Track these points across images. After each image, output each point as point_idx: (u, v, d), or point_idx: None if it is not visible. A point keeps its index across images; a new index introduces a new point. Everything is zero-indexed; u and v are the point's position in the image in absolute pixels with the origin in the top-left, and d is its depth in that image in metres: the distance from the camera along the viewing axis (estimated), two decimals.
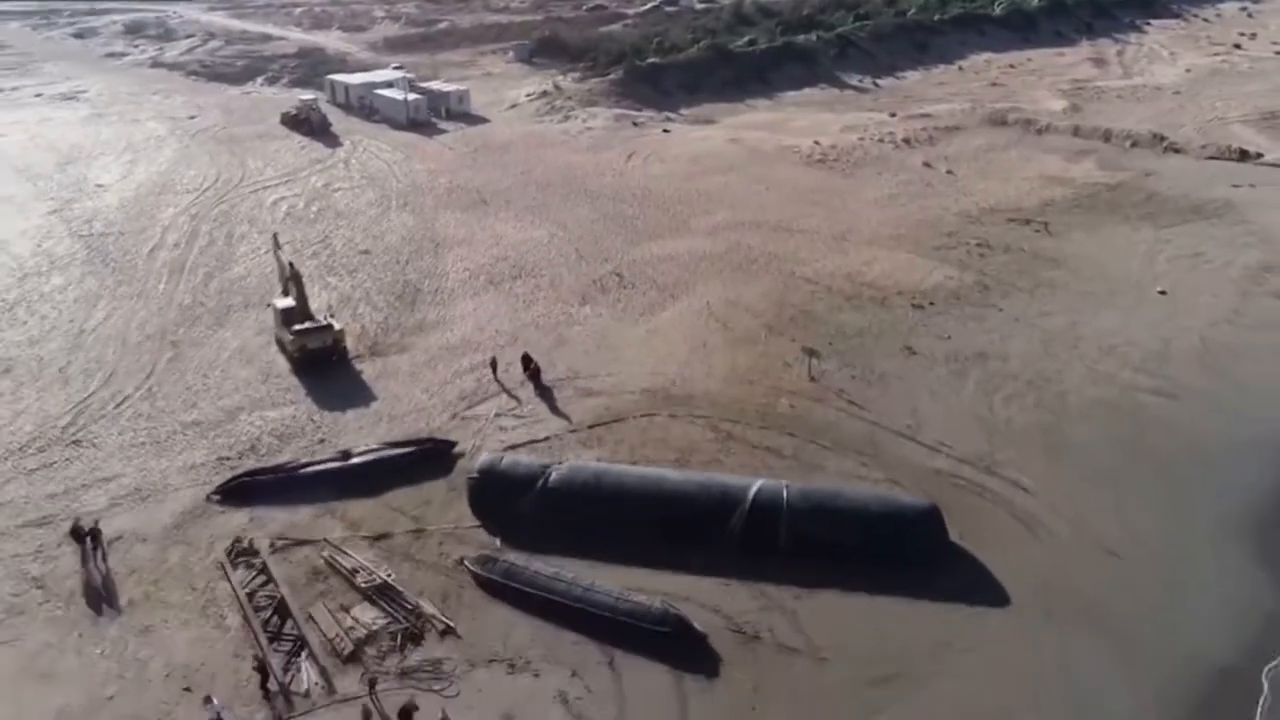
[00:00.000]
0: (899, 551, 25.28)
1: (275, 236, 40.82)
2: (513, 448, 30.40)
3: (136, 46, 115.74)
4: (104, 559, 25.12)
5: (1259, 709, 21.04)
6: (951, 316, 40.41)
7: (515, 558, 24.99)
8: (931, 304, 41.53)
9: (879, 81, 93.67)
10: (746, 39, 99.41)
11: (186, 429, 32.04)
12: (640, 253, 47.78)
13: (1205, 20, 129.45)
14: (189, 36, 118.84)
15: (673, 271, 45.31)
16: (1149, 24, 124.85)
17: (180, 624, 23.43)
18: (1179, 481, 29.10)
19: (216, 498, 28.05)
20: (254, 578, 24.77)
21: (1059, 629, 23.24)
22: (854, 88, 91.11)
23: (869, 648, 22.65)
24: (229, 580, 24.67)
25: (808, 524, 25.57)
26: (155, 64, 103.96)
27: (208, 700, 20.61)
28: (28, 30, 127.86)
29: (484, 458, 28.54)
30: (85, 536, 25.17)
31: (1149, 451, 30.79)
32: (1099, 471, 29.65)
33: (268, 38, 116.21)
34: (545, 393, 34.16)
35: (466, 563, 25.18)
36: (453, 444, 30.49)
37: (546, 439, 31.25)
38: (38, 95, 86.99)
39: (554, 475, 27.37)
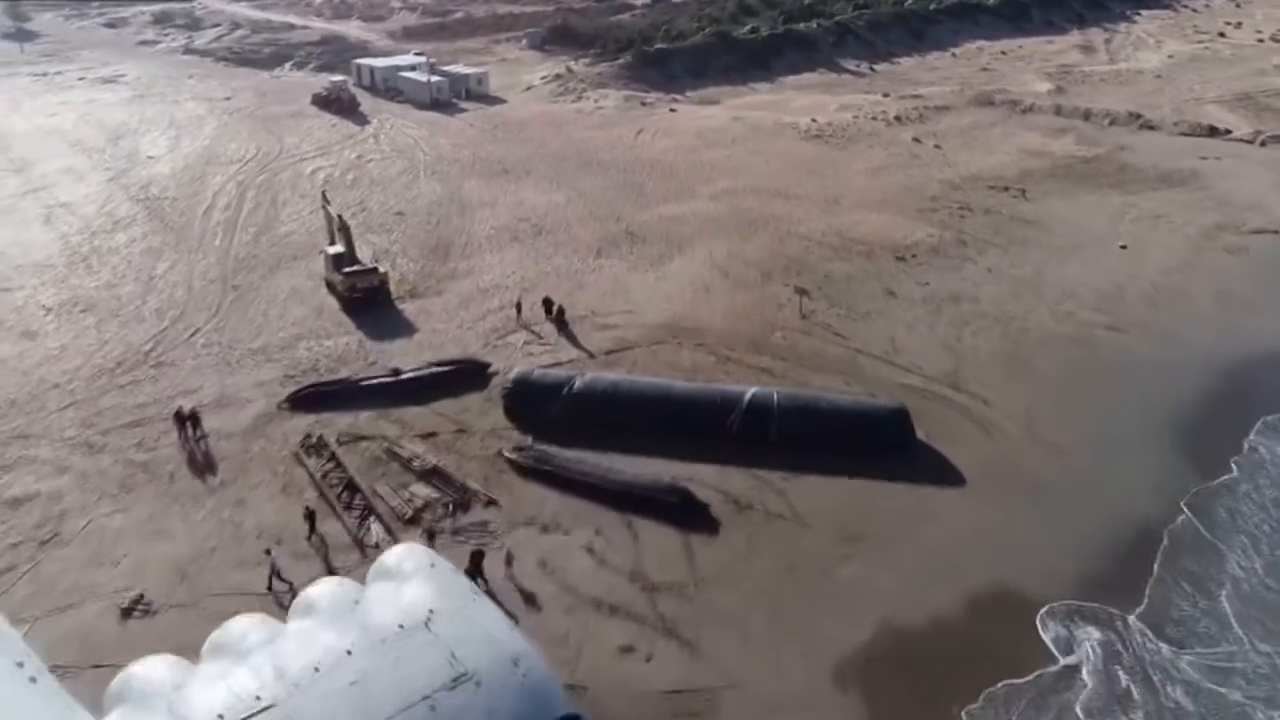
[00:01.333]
0: (872, 444, 29.38)
1: (324, 193, 45.06)
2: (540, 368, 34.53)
3: (166, 35, 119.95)
4: (202, 439, 29.45)
5: (1158, 553, 25.15)
6: (930, 267, 44.39)
7: (546, 448, 29.14)
8: (913, 256, 45.50)
9: (875, 67, 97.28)
10: (749, 27, 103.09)
11: (254, 354, 36.25)
12: (650, 214, 51.82)
13: (1194, 10, 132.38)
14: (215, 25, 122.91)
15: (679, 230, 49.32)
16: (1139, 14, 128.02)
17: (266, 497, 27.65)
18: (1118, 395, 33.12)
19: (286, 405, 32.24)
20: (325, 463, 28.96)
21: (1004, 501, 27.37)
22: (851, 72, 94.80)
23: (843, 516, 26.79)
24: (304, 465, 28.90)
25: (794, 422, 29.67)
26: (187, 51, 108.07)
27: (267, 552, 24.66)
28: (60, 20, 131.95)
29: (517, 370, 32.72)
30: (186, 420, 29.46)
31: (1096, 373, 34.83)
32: (1051, 388, 33.72)
33: (291, 26, 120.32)
34: (566, 327, 38.22)
35: (504, 453, 29.35)
36: (487, 364, 34.62)
37: (569, 362, 35.37)
38: (80, 79, 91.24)
39: (578, 384, 31.51)
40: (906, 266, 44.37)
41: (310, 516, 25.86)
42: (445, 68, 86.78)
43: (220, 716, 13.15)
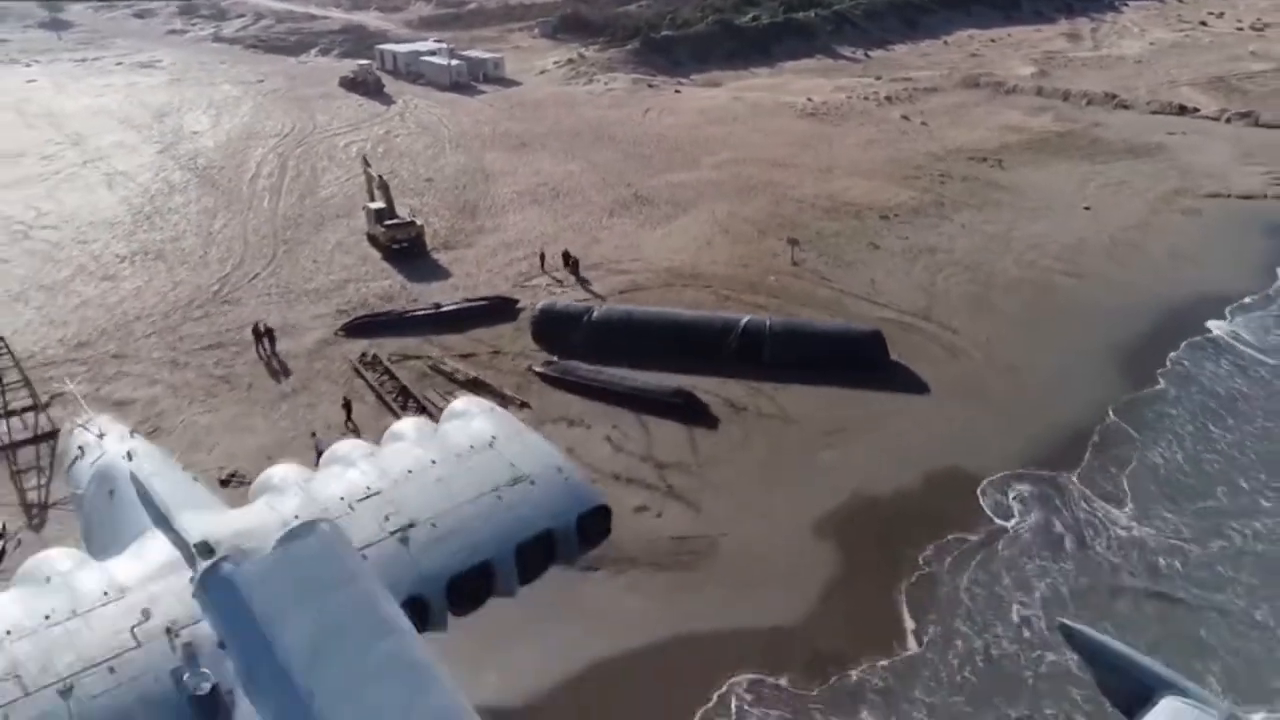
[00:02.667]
0: (851, 362, 33.65)
1: (364, 157, 49.42)
2: None
3: (194, 25, 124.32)
4: (274, 351, 33.93)
5: (1088, 447, 29.44)
6: (911, 225, 48.58)
7: (569, 362, 33.48)
8: (896, 216, 49.70)
9: (870, 53, 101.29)
10: (750, 15, 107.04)
11: (309, 293, 40.63)
12: (657, 181, 56.05)
13: (1180, 1, 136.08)
14: (240, 16, 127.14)
15: (684, 194, 53.55)
16: (1126, 4, 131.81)
17: (330, 401, 31.96)
18: (1068, 328, 37.36)
19: (342, 333, 36.62)
20: (380, 376, 33.34)
21: (962, 406, 31.66)
22: (847, 58, 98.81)
23: (825, 416, 31.10)
24: (363, 376, 33.29)
25: (784, 343, 33.95)
26: (216, 39, 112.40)
27: (313, 434, 28.92)
28: (91, 11, 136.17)
29: (543, 301, 37.07)
30: (262, 335, 33.95)
31: (1051, 311, 39.07)
32: (1010, 321, 37.97)
33: (312, 16, 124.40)
34: (583, 273, 42.48)
35: (534, 368, 33.69)
36: (516, 301, 38.95)
37: (586, 299, 39.66)
38: (118, 64, 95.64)
39: (596, 313, 35.85)
40: (889, 224, 48.56)
41: (347, 406, 30.30)
42: (464, 53, 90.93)
43: (341, 498, 17.47)
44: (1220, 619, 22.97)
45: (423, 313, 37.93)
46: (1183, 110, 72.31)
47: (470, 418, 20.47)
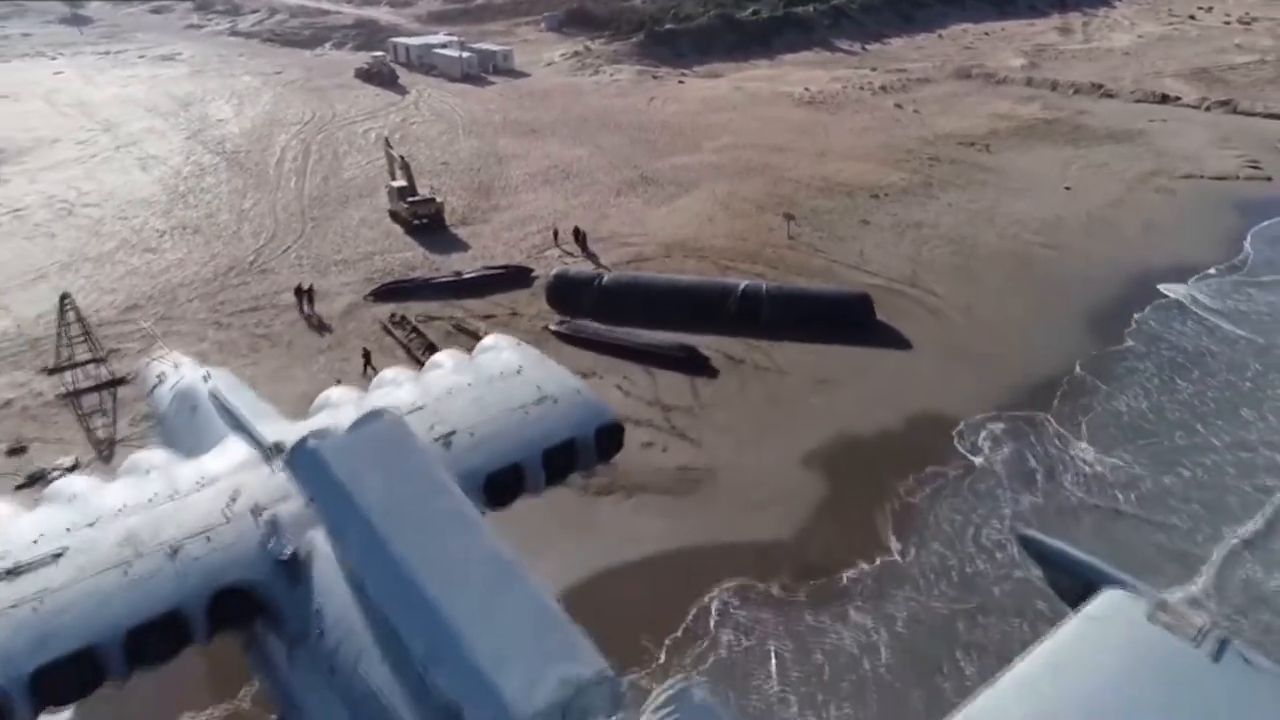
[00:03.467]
0: (840, 322, 36.28)
1: (387, 139, 52.06)
2: None
3: (210, 20, 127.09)
4: (314, 309, 36.66)
5: (1056, 395, 32.05)
6: (900, 203, 51.19)
7: (582, 322, 36.15)
8: (886, 195, 52.30)
9: (867, 46, 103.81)
10: (751, 10, 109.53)
11: (337, 264, 43.32)
12: (661, 164, 58.68)
13: None
14: (254, 11, 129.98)
15: (686, 175, 56.18)
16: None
17: (361, 357, 34.68)
18: (1043, 294, 39.97)
19: (371, 297, 39.33)
20: (408, 334, 36.04)
21: (941, 360, 34.29)
22: (844, 51, 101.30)
23: (815, 368, 33.74)
24: (392, 334, 36.00)
25: (779, 305, 36.61)
26: (232, 33, 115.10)
27: (338, 382, 31.43)
28: (109, 7, 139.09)
29: (556, 268, 39.74)
30: (303, 294, 36.68)
31: (1028, 278, 41.66)
32: (989, 287, 40.58)
33: (324, 11, 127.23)
34: (591, 247, 45.11)
35: (549, 327, 36.38)
36: (531, 270, 41.63)
37: (595, 269, 42.32)
38: (140, 56, 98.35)
39: (606, 278, 38.56)
40: (879, 203, 51.17)
41: (366, 356, 33.05)
42: (474, 45, 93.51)
43: (386, 410, 20.20)
44: (1162, 531, 25.64)
45: (445, 279, 40.63)
46: (1165, 99, 74.78)
47: (500, 350, 23.20)
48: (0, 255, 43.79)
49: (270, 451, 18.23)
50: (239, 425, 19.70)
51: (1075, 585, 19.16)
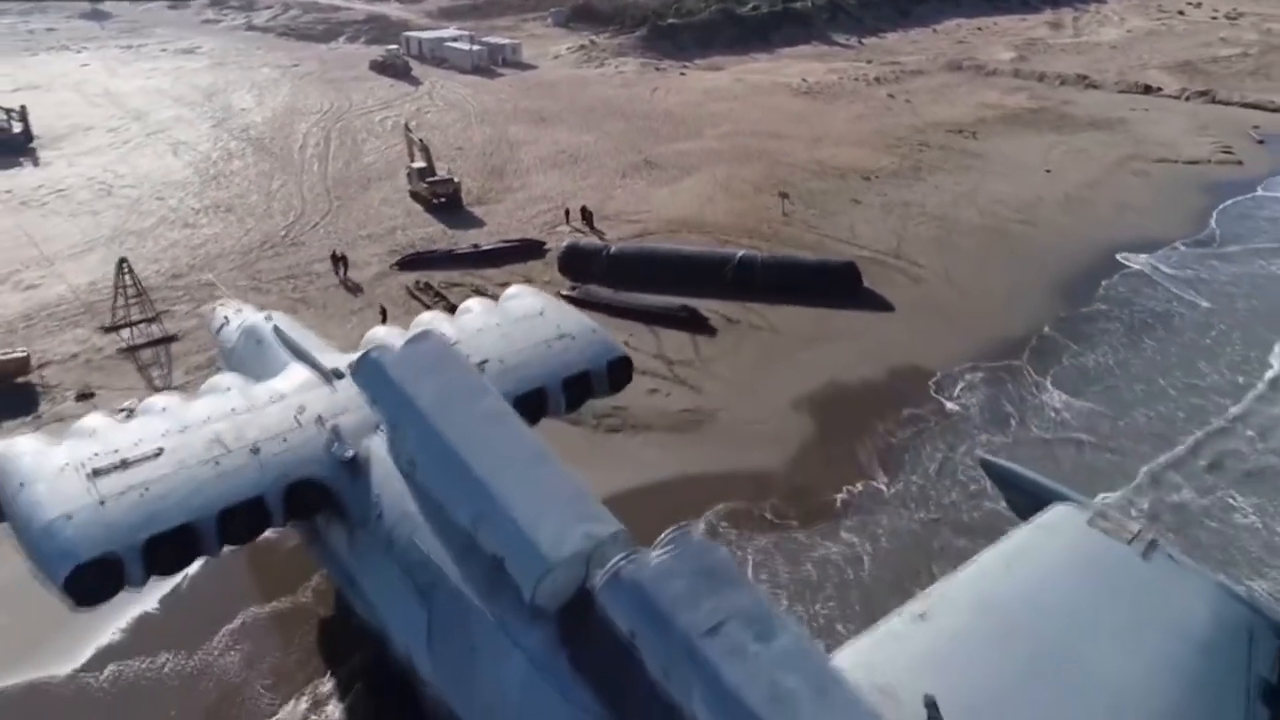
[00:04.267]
0: (829, 288, 39.15)
1: (406, 124, 54.89)
2: None
3: (225, 15, 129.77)
4: (347, 273, 39.62)
5: (1026, 350, 34.91)
6: (889, 184, 54.01)
7: (591, 287, 39.05)
8: (876, 177, 55.13)
9: (863, 40, 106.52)
10: (751, 5, 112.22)
11: (363, 238, 46.19)
12: (664, 149, 61.51)
13: None
14: (268, 6, 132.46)
15: (688, 160, 59.02)
16: None
17: (392, 318, 37.58)
18: (1019, 264, 42.84)
19: (396, 267, 42.22)
20: (433, 298, 38.95)
21: (921, 321, 37.17)
22: (841, 45, 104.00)
23: (805, 328, 36.61)
24: (417, 298, 38.91)
25: (773, 272, 39.50)
26: (249, 28, 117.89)
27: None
28: (127, 4, 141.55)
29: (567, 240, 42.66)
30: (339, 260, 39.69)
31: (1005, 251, 44.54)
32: (968, 259, 43.43)
33: (337, 7, 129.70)
34: (598, 225, 47.93)
35: (561, 292, 39.18)
36: (543, 243, 44.50)
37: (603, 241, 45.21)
38: (162, 50, 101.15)
39: (613, 249, 41.49)
40: (870, 184, 54.00)
41: (382, 312, 35.92)
42: (484, 39, 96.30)
43: (433, 330, 22.92)
44: (1112, 457, 28.54)
45: (465, 251, 43.52)
46: (1147, 90, 77.54)
47: (523, 296, 26.21)
48: (49, 231, 46.69)
49: (329, 375, 21.35)
50: (301, 355, 22.88)
51: (1029, 503, 22.21)
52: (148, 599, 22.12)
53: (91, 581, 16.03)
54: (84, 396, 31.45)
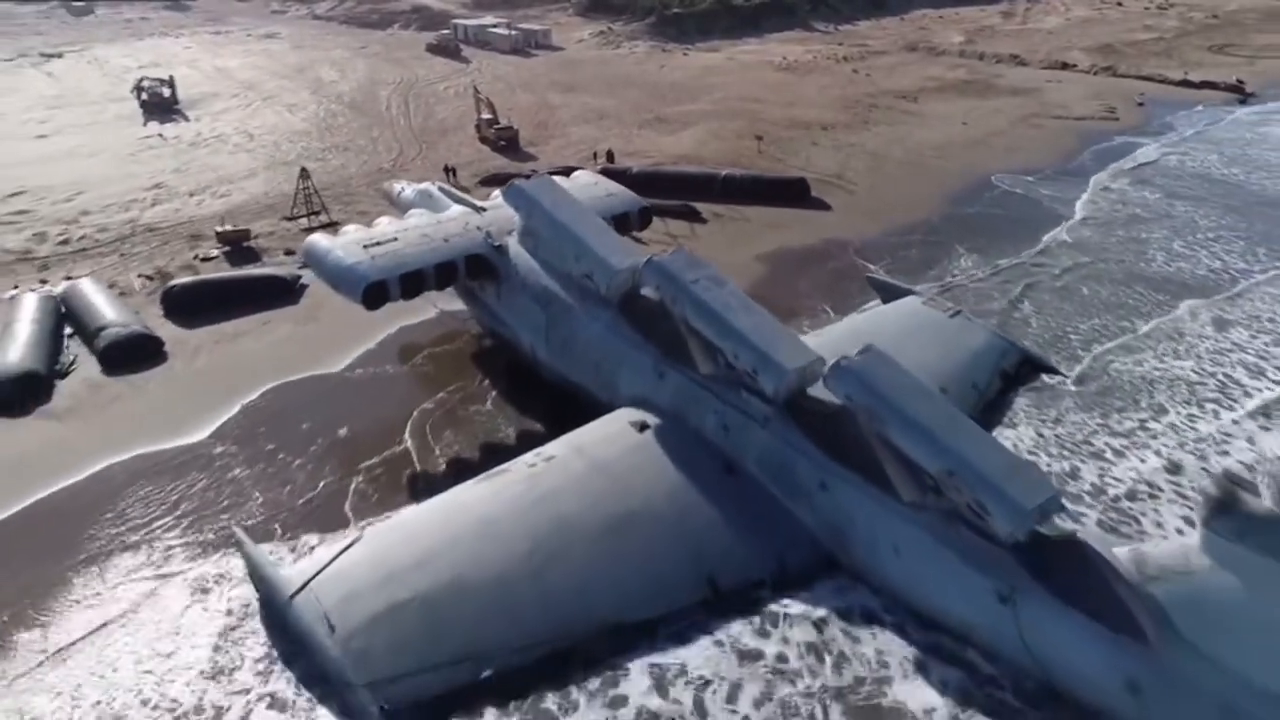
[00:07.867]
0: (786, 196, 53.69)
1: (475, 85, 69.36)
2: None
3: (289, 6, 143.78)
4: (456, 178, 54.36)
5: (921, 230, 49.49)
6: (841, 133, 68.29)
7: None
8: (832, 128, 69.39)
9: (839, 27, 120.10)
10: None
11: (450, 167, 60.75)
12: (670, 109, 75.80)
13: None
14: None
15: (689, 117, 73.30)
16: None
17: None
18: (926, 184, 57.15)
19: (479, 183, 56.80)
20: None
21: (850, 215, 51.66)
22: (820, 31, 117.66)
23: (769, 220, 51.15)
24: None
25: (747, 185, 54.08)
26: (314, 17, 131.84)
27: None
28: None
29: (601, 164, 57.30)
30: (449, 170, 54.38)
31: (918, 175, 58.89)
32: (891, 181, 57.83)
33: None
34: (622, 159, 62.32)
35: None
36: (583, 169, 59.03)
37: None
38: (246, 35, 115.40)
39: (635, 168, 56.05)
40: (826, 133, 68.29)
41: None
42: (518, 25, 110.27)
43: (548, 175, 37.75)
44: (938, 271, 43.13)
45: (528, 173, 58.07)
46: (1065, 66, 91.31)
47: (582, 175, 41.00)
48: (218, 163, 61.35)
49: (479, 208, 36.57)
50: (459, 199, 38.13)
51: (895, 298, 37.29)
52: (374, 337, 36.93)
53: (374, 295, 30.95)
54: (289, 253, 46.19)
